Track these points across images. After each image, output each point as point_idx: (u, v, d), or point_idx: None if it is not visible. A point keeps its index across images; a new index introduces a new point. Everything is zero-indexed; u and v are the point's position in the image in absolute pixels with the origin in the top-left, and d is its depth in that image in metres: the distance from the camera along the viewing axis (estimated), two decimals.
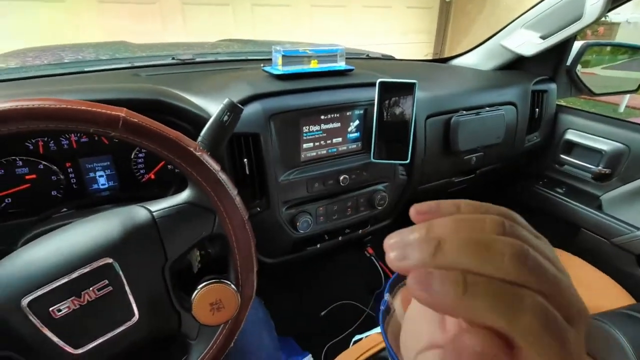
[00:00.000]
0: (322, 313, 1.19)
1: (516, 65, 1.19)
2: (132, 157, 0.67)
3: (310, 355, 1.00)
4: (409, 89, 0.73)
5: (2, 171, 0.58)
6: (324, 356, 1.06)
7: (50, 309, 0.37)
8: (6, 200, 0.59)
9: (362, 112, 0.77)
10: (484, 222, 0.17)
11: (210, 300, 0.44)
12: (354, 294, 1.23)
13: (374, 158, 0.77)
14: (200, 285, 0.44)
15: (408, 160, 0.77)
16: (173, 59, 0.95)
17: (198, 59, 0.97)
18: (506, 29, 1.14)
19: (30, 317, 0.37)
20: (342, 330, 1.14)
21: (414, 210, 0.20)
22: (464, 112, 0.93)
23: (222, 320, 0.45)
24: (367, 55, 1.23)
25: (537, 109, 1.09)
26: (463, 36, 3.68)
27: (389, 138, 0.77)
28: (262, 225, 0.71)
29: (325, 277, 1.27)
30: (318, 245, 0.82)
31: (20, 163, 0.59)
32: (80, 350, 0.40)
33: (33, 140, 0.60)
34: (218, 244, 0.62)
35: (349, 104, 0.74)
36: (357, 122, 0.78)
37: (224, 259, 0.49)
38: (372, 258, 1.02)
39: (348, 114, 0.75)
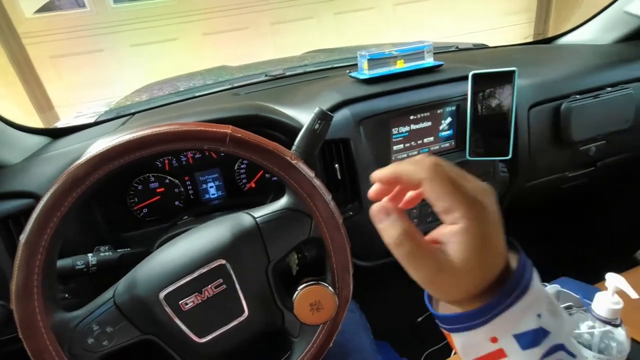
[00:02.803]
0: (419, 319, 1.15)
1: None
2: (235, 168, 0.75)
3: None
4: (506, 78, 0.67)
5: (141, 186, 0.70)
6: None
7: (180, 302, 0.44)
8: (144, 210, 0.71)
9: (454, 108, 0.73)
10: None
11: (310, 301, 0.46)
12: None
13: (469, 156, 0.73)
14: (300, 287, 0.47)
15: (510, 156, 0.71)
16: (266, 75, 1.03)
17: (288, 73, 1.03)
18: None
19: (166, 308, 0.44)
20: (440, 338, 1.08)
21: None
22: (578, 96, 0.82)
23: (322, 320, 0.47)
24: (457, 48, 1.16)
25: None
26: (571, 10, 3.19)
27: (486, 133, 0.71)
28: (356, 229, 0.72)
29: None
30: None
31: (153, 179, 0.71)
32: (202, 340, 0.46)
33: (161, 159, 0.71)
34: (314, 247, 0.65)
35: (440, 101, 0.71)
36: (449, 119, 0.74)
37: (320, 261, 0.51)
38: None
39: (439, 111, 0.72)
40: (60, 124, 1.09)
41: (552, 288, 0.65)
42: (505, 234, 0.28)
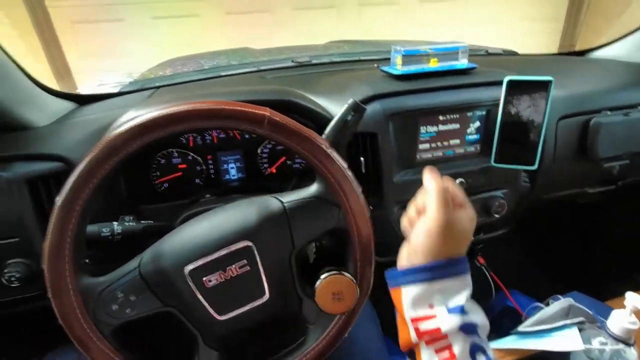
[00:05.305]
0: None
1: None
2: (258, 152, 0.75)
3: None
4: (542, 87, 0.66)
5: (164, 161, 0.70)
6: None
7: (204, 278, 0.44)
8: (165, 185, 0.72)
9: (484, 113, 0.73)
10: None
11: (333, 290, 0.46)
12: None
13: (494, 162, 0.72)
14: (324, 275, 0.47)
15: (535, 166, 0.70)
16: (292, 61, 1.02)
17: (314, 61, 1.02)
18: None
19: (190, 283, 0.44)
20: None
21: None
22: (608, 112, 0.81)
23: (342, 310, 0.48)
24: (486, 52, 1.14)
25: None
26: (605, 24, 3.09)
27: (513, 141, 0.71)
28: (373, 223, 0.72)
29: None
30: None
31: (176, 154, 0.71)
32: (222, 317, 0.46)
33: (186, 136, 0.71)
34: (333, 238, 0.65)
35: (471, 104, 0.71)
36: (477, 123, 0.73)
37: (337, 251, 0.51)
38: (483, 268, 0.95)
39: (468, 114, 0.72)
40: (82, 92, 1.09)
41: (565, 302, 0.65)
42: (518, 243, 0.36)
